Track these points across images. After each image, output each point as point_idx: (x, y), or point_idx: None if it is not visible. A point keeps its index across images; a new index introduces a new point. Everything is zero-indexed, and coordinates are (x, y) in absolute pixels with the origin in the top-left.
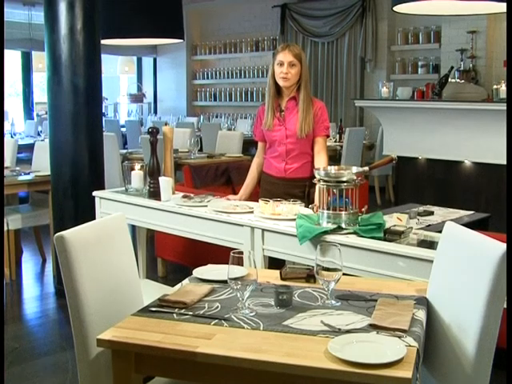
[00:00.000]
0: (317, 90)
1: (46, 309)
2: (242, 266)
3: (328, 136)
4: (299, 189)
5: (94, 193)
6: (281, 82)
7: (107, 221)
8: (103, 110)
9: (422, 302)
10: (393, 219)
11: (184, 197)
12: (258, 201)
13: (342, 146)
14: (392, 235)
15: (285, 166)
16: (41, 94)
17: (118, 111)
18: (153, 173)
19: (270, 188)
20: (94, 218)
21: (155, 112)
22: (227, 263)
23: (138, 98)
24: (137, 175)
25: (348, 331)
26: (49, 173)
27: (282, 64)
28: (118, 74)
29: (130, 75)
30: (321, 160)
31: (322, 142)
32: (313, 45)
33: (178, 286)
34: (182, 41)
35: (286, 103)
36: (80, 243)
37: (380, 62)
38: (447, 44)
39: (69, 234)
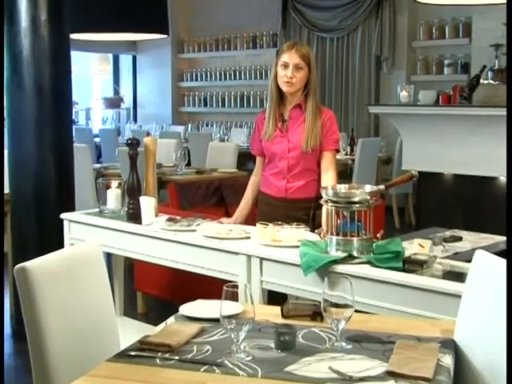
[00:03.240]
0: (324, 95)
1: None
2: (237, 301)
3: (338, 150)
4: (303, 211)
5: (63, 215)
6: (284, 88)
7: (78, 249)
8: (73, 117)
9: (449, 344)
10: (414, 246)
11: (169, 220)
12: (255, 225)
13: (353, 160)
14: (413, 265)
15: (286, 185)
16: None
17: (91, 118)
18: (132, 191)
19: (269, 210)
20: (62, 246)
21: (135, 119)
22: (219, 298)
23: (114, 102)
24: (113, 194)
25: (361, 379)
26: (7, 191)
27: (286, 66)
28: (90, 74)
29: (105, 76)
30: (329, 178)
31: (330, 157)
32: (319, 41)
33: (161, 326)
34: (166, 36)
35: (290, 111)
36: (45, 276)
37: (399, 60)
38: (479, 38)
39: (32, 264)
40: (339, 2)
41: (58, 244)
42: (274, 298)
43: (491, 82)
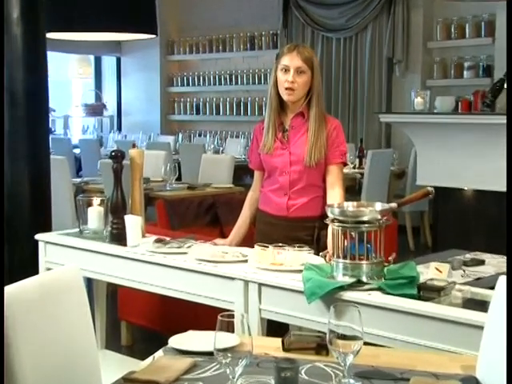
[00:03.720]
0: (330, 101)
1: None
2: (233, 332)
3: (345, 164)
4: (306, 231)
5: (38, 236)
6: (285, 96)
7: (55, 274)
8: (50, 126)
9: (470, 382)
10: (430, 271)
11: (157, 241)
12: (253, 246)
13: (362, 175)
14: (429, 292)
15: (287, 202)
16: None
17: (70, 127)
18: (116, 209)
19: (269, 230)
20: (36, 271)
21: (119, 128)
22: (213, 329)
23: (96, 109)
24: (95, 213)
25: None
26: None
27: (287, 70)
28: (69, 77)
29: (86, 80)
30: (335, 194)
31: (336, 171)
32: (325, 41)
33: (148, 360)
34: (154, 36)
35: (291, 120)
36: (17, 306)
37: (413, 63)
38: (503, 38)
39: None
40: None
41: (32, 269)
42: (274, 328)
43: None
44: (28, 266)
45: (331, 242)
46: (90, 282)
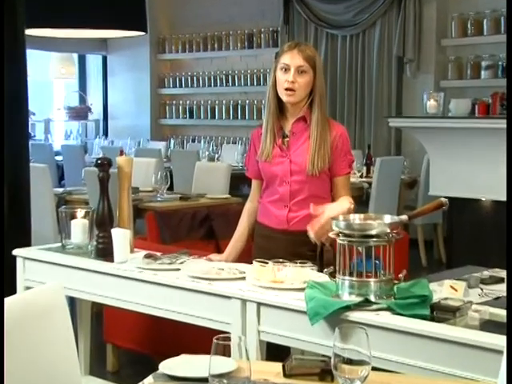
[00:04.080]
0: (335, 104)
1: None
2: (230, 356)
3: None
4: (309, 246)
5: (16, 251)
6: (284, 97)
7: (35, 293)
8: (29, 130)
9: None
10: (444, 289)
11: (147, 256)
12: (251, 262)
13: (370, 184)
14: (443, 313)
15: (288, 214)
16: None
17: (51, 132)
18: (102, 222)
19: (268, 245)
20: (14, 289)
21: (105, 134)
22: (208, 353)
23: (80, 112)
24: (79, 226)
25: None
26: None
27: (286, 69)
28: (50, 78)
29: (69, 80)
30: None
31: (343, 182)
32: (329, 39)
33: None
34: (143, 33)
35: (292, 125)
36: None
37: (425, 62)
38: None
39: None
40: None
41: (10, 287)
42: (274, 352)
43: None
44: (5, 284)
45: (336, 258)
46: (73, 302)
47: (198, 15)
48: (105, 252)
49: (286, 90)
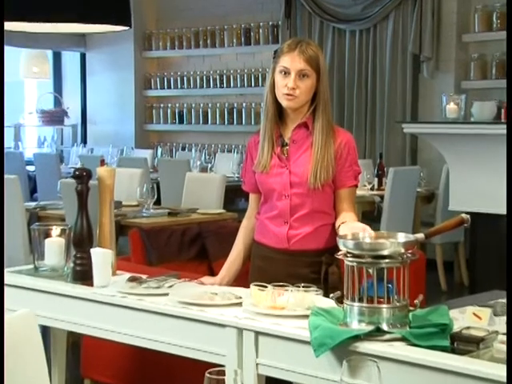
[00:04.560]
0: (342, 108)
1: None
2: None
3: (356, 186)
4: (312, 267)
5: None
6: (284, 102)
7: (4, 322)
8: None
9: None
10: (466, 317)
11: (131, 280)
12: (248, 286)
13: (382, 197)
14: (465, 344)
15: (288, 232)
16: None
17: (22, 139)
18: (81, 241)
19: (268, 266)
20: None
21: (84, 141)
22: None
23: (54, 117)
24: (54, 245)
25: None
26: None
27: (286, 73)
28: (21, 77)
29: (42, 80)
30: (348, 217)
31: (348, 195)
32: (336, 35)
33: None
34: (127, 28)
35: (292, 132)
36: None
37: (444, 60)
38: None
39: None
40: None
41: None
42: None
43: None
44: None
45: (344, 282)
46: (46, 332)
47: (188, 7)
48: (83, 275)
49: (286, 95)
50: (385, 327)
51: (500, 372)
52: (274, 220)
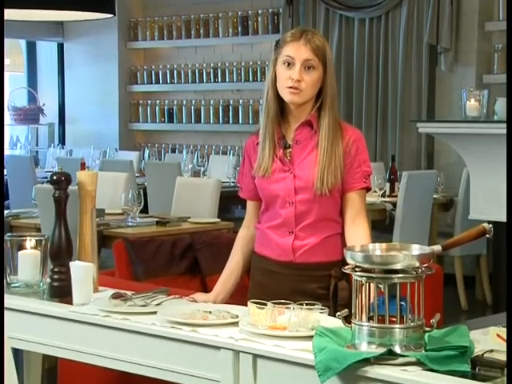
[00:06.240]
0: (350, 105)
1: None
2: None
3: (368, 189)
4: (319, 283)
5: None
6: (287, 96)
7: None
8: None
9: None
10: (489, 338)
11: (115, 297)
12: (245, 304)
13: (395, 205)
14: (487, 369)
15: (293, 243)
16: None
17: None
18: (59, 254)
19: (268, 281)
20: None
21: (62, 142)
22: None
23: (29, 115)
24: (29, 259)
25: None
26: None
27: (291, 64)
28: None
29: (15, 73)
30: (359, 232)
31: (358, 199)
32: (344, 23)
33: None
34: (110, 16)
35: (296, 132)
36: None
37: (464, 52)
38: None
39: None
40: None
41: None
42: None
43: None
44: None
45: (352, 298)
46: (19, 355)
47: None
48: (61, 291)
49: (290, 88)
50: (397, 350)
51: None
52: (278, 230)
